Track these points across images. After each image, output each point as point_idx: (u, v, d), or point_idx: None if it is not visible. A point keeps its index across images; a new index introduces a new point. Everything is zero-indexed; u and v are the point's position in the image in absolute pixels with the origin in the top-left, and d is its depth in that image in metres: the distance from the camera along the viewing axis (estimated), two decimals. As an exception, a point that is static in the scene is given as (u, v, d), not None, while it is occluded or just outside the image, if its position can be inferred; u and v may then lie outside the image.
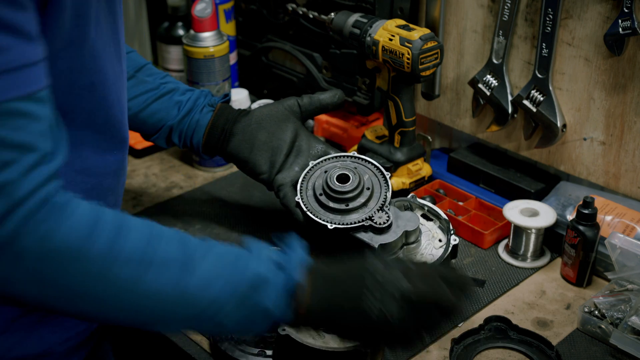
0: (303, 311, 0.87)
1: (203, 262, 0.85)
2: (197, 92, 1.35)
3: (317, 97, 1.35)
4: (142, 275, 0.81)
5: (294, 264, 0.90)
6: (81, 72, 0.94)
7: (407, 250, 1.33)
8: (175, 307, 0.83)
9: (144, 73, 1.34)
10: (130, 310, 0.83)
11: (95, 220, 0.80)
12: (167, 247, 0.84)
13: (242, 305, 0.85)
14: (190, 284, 0.83)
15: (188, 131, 1.33)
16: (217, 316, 0.85)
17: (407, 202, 1.40)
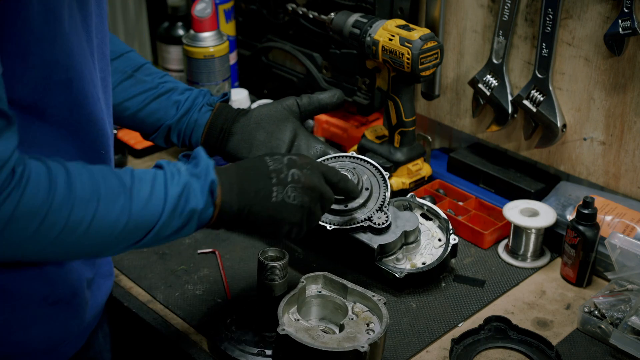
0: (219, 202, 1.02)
1: (138, 187, 0.96)
2: (196, 92, 1.35)
3: (317, 97, 1.35)
4: (97, 211, 0.92)
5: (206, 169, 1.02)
6: (55, 67, 0.94)
7: (406, 249, 1.34)
8: (125, 231, 0.95)
9: (142, 72, 1.33)
10: (91, 244, 0.94)
11: (49, 178, 0.89)
12: (107, 183, 0.94)
13: (174, 213, 0.98)
14: (133, 208, 0.95)
15: (187, 130, 1.33)
16: (156, 229, 0.97)
17: (407, 201, 1.40)
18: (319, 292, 1.16)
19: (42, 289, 1.02)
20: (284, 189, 1.06)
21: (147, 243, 0.99)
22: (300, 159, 1.10)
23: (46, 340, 1.06)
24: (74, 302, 1.07)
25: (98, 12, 1.04)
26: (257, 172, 1.07)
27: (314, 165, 1.11)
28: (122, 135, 1.78)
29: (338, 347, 1.05)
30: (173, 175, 1.00)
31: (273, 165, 1.08)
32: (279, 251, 1.15)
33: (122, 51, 1.33)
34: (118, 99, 1.31)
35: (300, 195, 1.07)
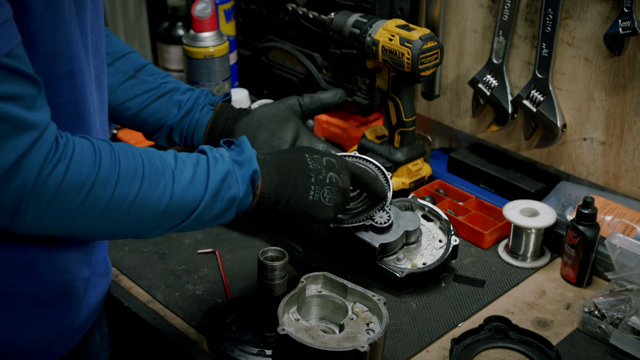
0: (258, 193, 1.05)
1: (181, 169, 0.99)
2: (198, 92, 1.35)
3: (318, 97, 1.35)
4: (141, 188, 0.94)
5: (249, 158, 1.05)
6: (59, 58, 0.94)
7: (407, 249, 1.34)
8: (168, 211, 0.97)
9: (144, 73, 1.34)
10: (135, 221, 0.96)
11: (95, 151, 0.92)
12: (151, 162, 0.97)
13: (216, 198, 1.01)
14: (176, 189, 0.97)
15: (189, 130, 1.33)
16: (198, 212, 1.00)
17: (408, 202, 1.40)
18: (319, 292, 1.16)
19: (33, 289, 1.01)
20: (321, 189, 1.10)
21: (189, 226, 1.01)
22: (337, 161, 1.14)
23: (38, 339, 1.05)
24: (66, 302, 1.06)
25: (94, 8, 1.03)
26: (297, 168, 1.10)
27: (350, 169, 1.16)
28: (123, 135, 1.78)
29: (338, 347, 1.05)
30: (216, 160, 1.03)
31: (313, 164, 1.11)
32: (279, 251, 1.15)
33: (124, 52, 1.33)
34: (120, 99, 1.31)
35: (335, 198, 1.12)
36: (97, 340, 1.25)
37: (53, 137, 0.88)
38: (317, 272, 1.17)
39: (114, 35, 1.36)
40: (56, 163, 0.88)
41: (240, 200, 1.04)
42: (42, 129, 0.87)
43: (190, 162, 1.01)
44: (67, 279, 1.05)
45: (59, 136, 0.90)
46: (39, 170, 0.86)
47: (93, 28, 1.04)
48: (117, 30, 2.10)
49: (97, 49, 1.06)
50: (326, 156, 1.13)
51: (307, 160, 1.11)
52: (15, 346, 1.03)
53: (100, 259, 1.17)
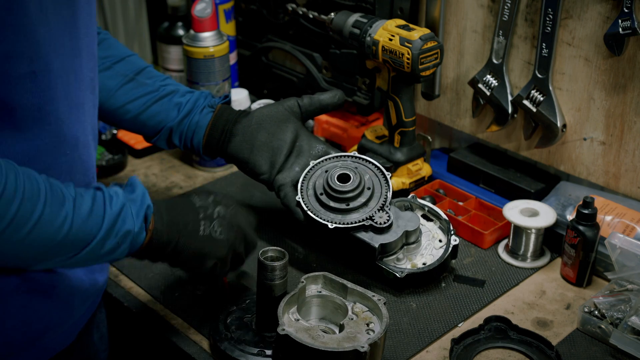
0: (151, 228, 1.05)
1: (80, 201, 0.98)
2: (197, 94, 1.35)
3: (318, 98, 1.35)
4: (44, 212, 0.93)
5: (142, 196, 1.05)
6: (19, 58, 0.92)
7: (407, 250, 1.34)
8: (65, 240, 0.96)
9: (144, 76, 1.34)
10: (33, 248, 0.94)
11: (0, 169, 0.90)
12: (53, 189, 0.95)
13: (111, 232, 1.00)
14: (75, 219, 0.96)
15: (188, 132, 1.33)
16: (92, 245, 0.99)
17: (408, 202, 1.40)
18: (319, 292, 1.16)
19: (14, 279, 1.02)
20: (210, 223, 1.11)
21: (80, 260, 1.00)
22: (224, 199, 1.16)
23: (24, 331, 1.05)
24: (53, 294, 1.06)
25: (88, 11, 1.03)
26: (185, 206, 1.11)
27: (237, 208, 1.17)
28: (122, 136, 1.78)
29: (338, 347, 1.05)
30: (111, 196, 1.02)
31: (200, 202, 1.13)
32: (279, 251, 1.15)
33: (124, 55, 1.33)
34: (119, 102, 1.31)
35: (226, 231, 1.13)
36: (96, 341, 1.25)
37: None
38: (317, 272, 1.17)
39: (113, 39, 1.36)
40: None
41: (134, 235, 1.03)
42: None
43: (89, 195, 1.00)
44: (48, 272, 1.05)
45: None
46: None
47: (87, 31, 1.03)
48: (117, 31, 2.10)
49: (91, 51, 1.06)
50: (212, 194, 1.15)
51: (193, 199, 1.13)
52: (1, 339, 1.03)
53: None
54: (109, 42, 1.33)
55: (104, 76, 1.30)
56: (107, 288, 1.33)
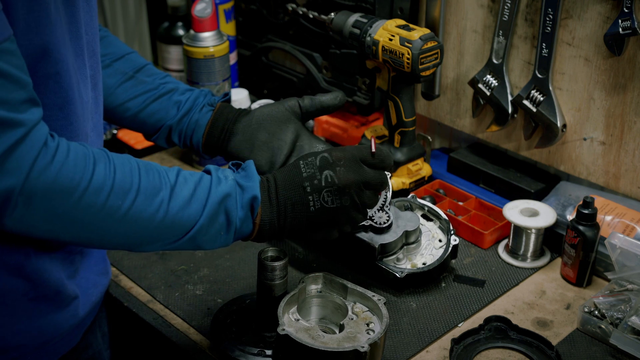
0: (258, 221, 1.04)
1: (181, 187, 0.98)
2: (197, 92, 1.35)
3: (319, 99, 1.34)
4: (135, 202, 0.94)
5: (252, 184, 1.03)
6: (43, 59, 0.93)
7: (407, 249, 1.34)
8: (161, 228, 0.96)
9: (143, 74, 1.33)
10: (126, 234, 0.95)
11: (88, 157, 0.91)
12: (150, 177, 0.96)
13: (213, 220, 1.00)
14: (172, 206, 0.96)
15: (188, 130, 1.33)
16: (193, 233, 0.99)
17: (408, 202, 1.40)
18: (319, 292, 1.16)
19: (22, 286, 1.02)
20: (319, 195, 1.07)
21: (184, 245, 1.00)
22: (332, 155, 1.08)
23: (33, 336, 1.05)
24: (59, 299, 1.06)
25: (87, 9, 1.03)
26: (293, 183, 1.07)
27: (348, 158, 1.09)
28: (122, 135, 1.78)
29: (338, 347, 1.05)
30: (219, 180, 1.01)
31: (306, 171, 1.08)
32: (279, 251, 1.15)
33: (124, 52, 1.33)
34: (119, 100, 1.31)
35: (338, 197, 1.07)
36: (99, 340, 1.25)
37: (43, 138, 0.88)
38: (317, 272, 1.17)
39: (113, 36, 1.36)
40: (47, 165, 0.87)
41: (238, 227, 1.02)
42: (29, 127, 0.86)
43: (192, 181, 1.00)
44: (57, 278, 1.05)
45: (50, 138, 0.89)
46: (28, 171, 0.86)
47: (87, 29, 1.03)
48: (117, 30, 2.10)
49: (92, 49, 1.06)
50: (321, 154, 1.09)
51: (300, 169, 1.08)
52: (10, 343, 1.03)
53: (98, 258, 1.17)
54: (109, 39, 1.33)
55: (104, 74, 1.30)
56: (108, 288, 1.33)
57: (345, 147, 1.11)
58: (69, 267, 1.08)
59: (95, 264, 1.16)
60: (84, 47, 1.02)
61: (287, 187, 1.07)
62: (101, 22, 2.07)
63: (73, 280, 1.09)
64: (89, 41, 1.05)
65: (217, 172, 1.03)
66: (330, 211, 1.07)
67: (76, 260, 1.09)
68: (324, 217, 1.07)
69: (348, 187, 1.07)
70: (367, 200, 1.10)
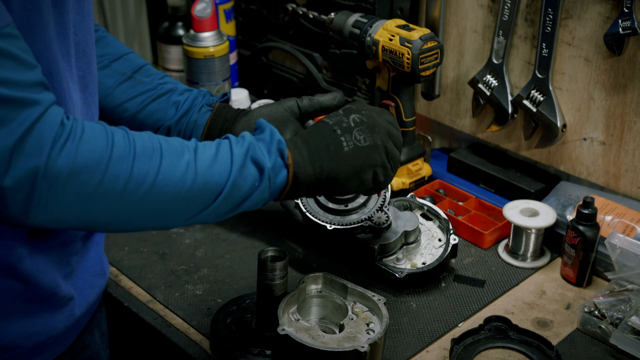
0: (291, 163, 1.00)
1: (202, 149, 0.96)
2: (195, 92, 1.35)
3: (318, 99, 1.34)
4: (161, 165, 0.91)
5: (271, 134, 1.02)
6: (40, 60, 0.92)
7: (406, 249, 1.34)
8: (193, 190, 0.93)
9: (142, 74, 1.33)
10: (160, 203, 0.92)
11: (106, 131, 0.89)
12: (170, 142, 0.94)
13: (244, 172, 0.97)
14: (199, 165, 0.94)
15: (186, 131, 1.32)
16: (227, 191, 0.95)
17: (407, 201, 1.40)
18: (319, 292, 1.16)
19: (16, 287, 1.01)
20: (351, 135, 1.05)
21: (221, 209, 0.97)
22: (354, 104, 1.09)
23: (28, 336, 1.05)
24: (54, 300, 1.06)
25: (79, 9, 1.03)
26: (320, 130, 1.05)
27: (370, 108, 1.10)
28: (122, 135, 1.78)
29: (338, 347, 1.05)
30: (238, 140, 0.99)
31: (332, 120, 1.07)
32: (279, 251, 1.15)
33: (122, 53, 1.33)
34: (117, 100, 1.31)
35: (370, 135, 1.06)
36: (97, 340, 1.25)
37: (59, 117, 0.86)
38: (317, 272, 1.17)
39: (112, 37, 1.36)
40: (64, 142, 0.85)
41: (271, 172, 0.99)
42: (46, 106, 0.85)
43: (212, 144, 0.98)
44: (51, 279, 1.05)
45: (65, 118, 0.87)
46: (48, 152, 0.83)
47: (77, 30, 1.03)
48: (117, 30, 2.10)
49: (82, 50, 1.05)
50: (341, 108, 1.09)
51: (325, 120, 1.07)
52: (4, 343, 1.03)
53: (95, 259, 1.17)
54: (106, 40, 1.33)
55: (102, 74, 1.30)
56: (107, 288, 1.33)
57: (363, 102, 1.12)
58: (64, 268, 1.08)
59: (92, 265, 1.16)
60: (70, 47, 1.01)
61: (316, 135, 1.05)
62: (101, 22, 2.07)
63: (69, 281, 1.09)
64: (79, 42, 1.04)
65: (233, 136, 1.02)
66: (365, 149, 1.05)
67: (73, 261, 1.09)
68: (358, 157, 1.05)
69: (378, 126, 1.07)
70: (392, 151, 1.08)
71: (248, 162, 0.97)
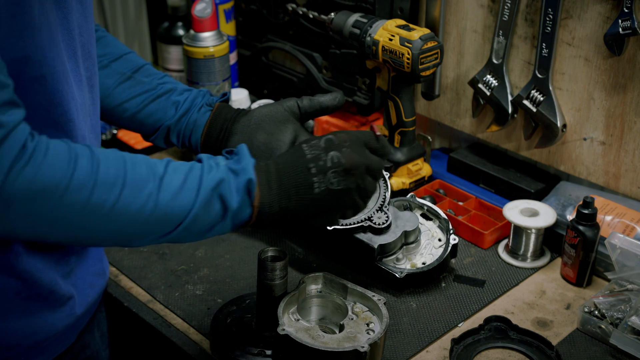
0: (257, 204, 1.00)
1: (170, 177, 0.95)
2: (195, 92, 1.35)
3: (318, 100, 1.34)
4: (121, 196, 0.91)
5: (246, 167, 1.00)
6: (28, 63, 0.92)
7: (406, 249, 1.34)
8: (152, 220, 0.94)
9: (141, 74, 1.33)
10: (114, 230, 0.93)
11: (70, 155, 0.89)
12: (136, 169, 0.93)
13: (208, 207, 0.96)
14: (161, 197, 0.93)
15: (186, 131, 1.32)
16: (187, 223, 0.96)
17: (407, 201, 1.40)
18: (319, 292, 1.16)
19: (15, 285, 1.01)
20: (324, 176, 1.03)
21: (180, 236, 0.97)
22: (337, 137, 1.06)
23: (27, 335, 1.05)
24: (54, 299, 1.06)
25: (81, 10, 1.03)
26: (295, 165, 1.03)
27: (354, 140, 1.06)
28: (122, 135, 1.78)
29: (338, 347, 1.05)
30: (211, 168, 0.99)
31: (310, 152, 1.04)
32: (279, 251, 1.15)
33: (122, 53, 1.33)
34: (117, 100, 1.31)
35: (343, 179, 1.03)
36: (97, 340, 1.25)
37: (22, 139, 0.86)
38: (317, 272, 1.17)
39: (111, 36, 1.36)
40: (24, 166, 0.85)
41: (235, 212, 0.99)
42: (8, 130, 0.85)
43: (183, 170, 0.97)
44: (50, 277, 1.05)
45: (30, 139, 0.87)
46: (6, 173, 0.84)
47: (82, 31, 1.03)
48: (117, 30, 2.10)
49: (88, 51, 1.06)
50: (325, 136, 1.06)
51: (304, 151, 1.05)
52: (3, 342, 1.03)
53: (95, 258, 1.17)
54: (106, 39, 1.33)
55: (102, 74, 1.30)
56: (107, 288, 1.33)
57: (349, 131, 1.09)
58: (63, 267, 1.07)
59: (92, 264, 1.16)
60: (77, 49, 1.01)
61: (290, 169, 1.03)
62: (101, 22, 2.07)
63: (68, 280, 1.08)
64: (84, 43, 1.04)
65: (208, 160, 1.00)
66: (335, 194, 1.03)
67: (71, 260, 1.09)
68: (328, 200, 1.03)
69: (354, 169, 1.04)
70: (369, 186, 1.07)
71: (214, 199, 0.97)
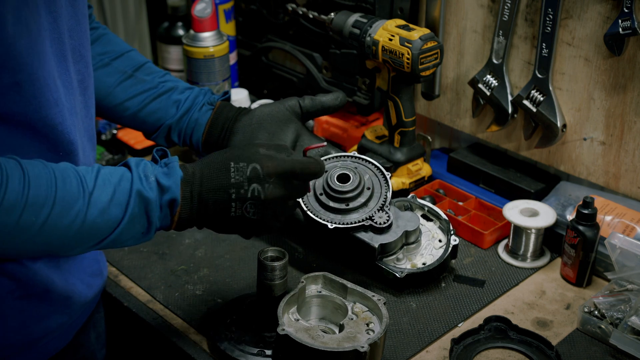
0: (177, 218, 1.04)
1: (99, 192, 0.97)
2: (197, 91, 1.35)
3: (319, 99, 1.34)
4: (50, 215, 0.92)
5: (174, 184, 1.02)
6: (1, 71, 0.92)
7: (407, 249, 1.34)
8: (80, 234, 0.96)
9: (142, 72, 1.33)
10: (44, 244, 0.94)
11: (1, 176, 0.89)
12: (66, 186, 0.94)
13: (134, 222, 0.99)
14: (90, 214, 0.95)
15: (187, 130, 1.32)
16: (114, 236, 0.99)
17: (407, 202, 1.40)
18: (319, 292, 1.16)
19: (7, 285, 1.02)
20: (242, 204, 1.05)
21: (109, 246, 1.00)
22: (265, 168, 1.06)
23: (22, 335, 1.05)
24: (48, 299, 1.06)
25: (72, 13, 1.02)
26: (218, 185, 1.05)
27: (280, 174, 1.07)
28: (122, 135, 1.78)
29: (338, 347, 1.05)
30: (140, 180, 1.00)
31: (235, 177, 1.05)
32: (279, 251, 1.15)
33: (123, 51, 1.33)
34: (118, 99, 1.30)
35: (260, 211, 1.06)
36: (93, 340, 1.25)
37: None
38: (317, 272, 1.17)
39: (113, 34, 1.35)
40: None
41: (158, 225, 1.03)
42: None
43: (112, 183, 0.98)
44: (44, 277, 1.05)
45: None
46: None
47: (73, 34, 1.03)
48: (117, 30, 2.10)
49: (79, 54, 1.05)
50: (253, 163, 1.06)
51: (230, 172, 1.05)
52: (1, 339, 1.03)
53: (91, 259, 1.17)
54: (107, 37, 1.33)
55: (103, 73, 1.29)
56: (107, 288, 1.33)
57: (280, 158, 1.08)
58: (58, 268, 1.07)
59: (88, 265, 1.16)
60: (67, 52, 1.01)
61: (212, 188, 1.05)
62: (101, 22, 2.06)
63: (64, 281, 1.08)
64: (75, 46, 1.04)
65: (137, 169, 1.01)
66: (249, 222, 1.07)
67: (67, 261, 1.09)
68: (242, 224, 1.07)
69: (273, 203, 1.07)
70: (286, 212, 1.11)
71: (141, 216, 1.00)
